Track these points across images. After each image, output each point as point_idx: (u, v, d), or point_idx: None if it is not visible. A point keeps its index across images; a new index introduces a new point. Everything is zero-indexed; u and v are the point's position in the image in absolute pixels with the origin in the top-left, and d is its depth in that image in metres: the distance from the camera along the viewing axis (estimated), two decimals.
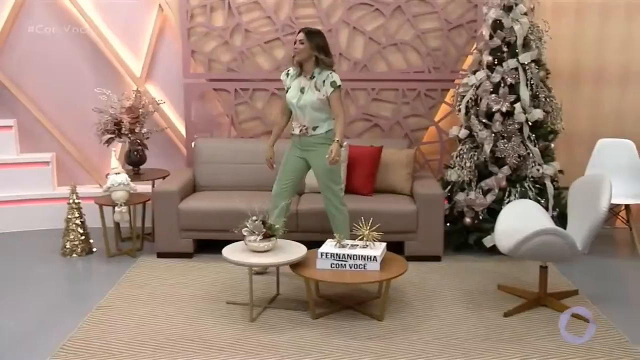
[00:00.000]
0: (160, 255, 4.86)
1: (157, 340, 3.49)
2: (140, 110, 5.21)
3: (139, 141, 5.24)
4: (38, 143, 5.80)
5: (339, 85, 4.16)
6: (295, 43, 4.18)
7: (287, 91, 4.31)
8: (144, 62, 5.66)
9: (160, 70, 5.71)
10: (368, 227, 3.86)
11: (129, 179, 4.88)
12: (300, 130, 4.28)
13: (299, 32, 4.21)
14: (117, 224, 5.03)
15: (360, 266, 3.72)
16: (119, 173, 4.84)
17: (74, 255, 4.93)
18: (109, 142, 5.21)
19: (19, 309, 3.97)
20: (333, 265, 3.75)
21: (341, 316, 3.81)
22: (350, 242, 3.88)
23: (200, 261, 4.78)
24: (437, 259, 4.78)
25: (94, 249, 5.03)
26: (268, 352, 3.36)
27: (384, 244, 3.91)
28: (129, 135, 5.15)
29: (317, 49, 4.12)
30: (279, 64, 5.50)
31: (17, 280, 4.48)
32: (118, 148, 5.53)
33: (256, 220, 3.79)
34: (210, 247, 4.89)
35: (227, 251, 3.84)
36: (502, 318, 3.79)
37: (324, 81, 4.15)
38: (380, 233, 3.88)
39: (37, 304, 4.04)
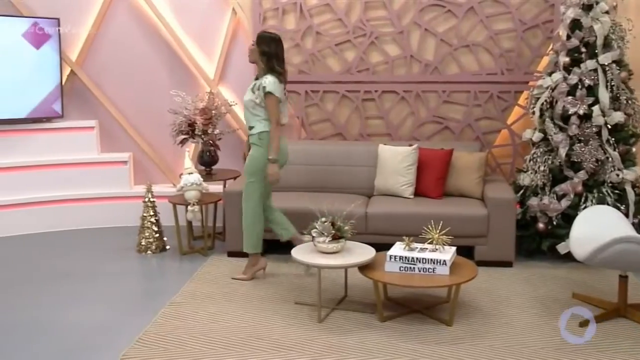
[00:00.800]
0: (231, 254, 4.96)
1: (227, 337, 3.56)
2: (213, 111, 5.34)
3: (211, 142, 5.36)
4: (116, 143, 6.04)
5: (269, 92, 4.19)
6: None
7: None
8: (217, 65, 5.80)
9: (232, 72, 5.83)
10: (437, 231, 3.81)
11: (202, 179, 5.00)
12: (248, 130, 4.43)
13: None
14: (189, 223, 5.16)
15: (430, 270, 3.68)
16: (192, 173, 4.97)
17: (149, 252, 5.10)
18: (182, 142, 5.36)
19: (97, 304, 4.13)
20: (402, 268, 3.72)
21: (409, 320, 3.78)
22: (419, 245, 3.85)
23: (270, 261, 4.83)
24: (508, 264, 4.67)
25: (168, 247, 5.18)
26: (335, 354, 3.37)
27: (453, 248, 3.85)
28: (202, 136, 5.28)
29: (261, 53, 4.26)
30: (349, 66, 5.51)
31: (95, 275, 4.67)
32: (191, 148, 5.68)
33: (325, 221, 3.81)
34: (279, 247, 4.95)
35: (296, 252, 3.87)
36: (577, 328, 3.66)
37: (259, 85, 4.24)
38: (450, 237, 3.83)
39: (113, 299, 4.20)
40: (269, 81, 4.22)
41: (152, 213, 5.10)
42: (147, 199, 5.09)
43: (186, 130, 5.29)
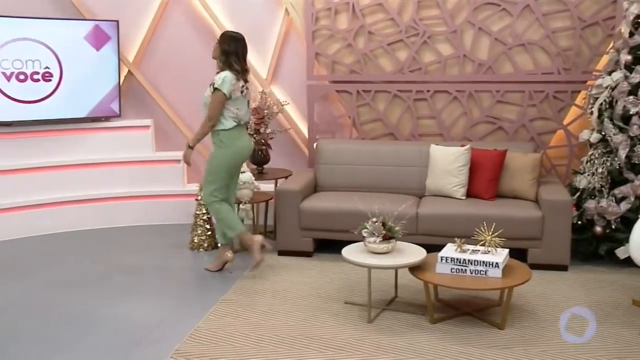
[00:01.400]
0: (281, 253, 5.00)
1: (277, 335, 3.59)
2: (265, 111, 5.39)
3: (263, 141, 5.41)
4: (171, 142, 6.16)
5: (217, 88, 4.29)
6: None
7: None
8: (270, 65, 5.85)
9: (285, 72, 5.87)
10: (490, 233, 3.75)
11: (253, 178, 5.05)
12: None
13: None
14: (241, 221, 5.21)
15: (482, 272, 3.63)
16: (244, 172, 5.02)
17: (201, 249, 5.18)
18: None
19: (150, 299, 4.23)
20: (453, 270, 3.68)
21: (460, 322, 3.73)
22: (471, 247, 3.79)
23: (320, 260, 4.86)
24: (563, 268, 4.56)
25: (219, 244, 5.25)
26: (385, 354, 3.35)
27: (506, 251, 3.78)
28: (254, 135, 5.33)
29: (221, 51, 4.39)
30: (401, 66, 5.48)
31: (149, 271, 4.78)
32: None
33: (376, 221, 3.80)
34: (329, 246, 4.97)
35: (346, 251, 3.87)
36: (638, 337, 3.54)
37: (213, 81, 4.36)
38: (503, 239, 3.76)
39: (166, 295, 4.29)
40: (220, 77, 4.34)
41: (204, 211, 5.18)
42: (199, 197, 5.17)
43: None
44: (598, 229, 4.64)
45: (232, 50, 4.40)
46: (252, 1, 5.81)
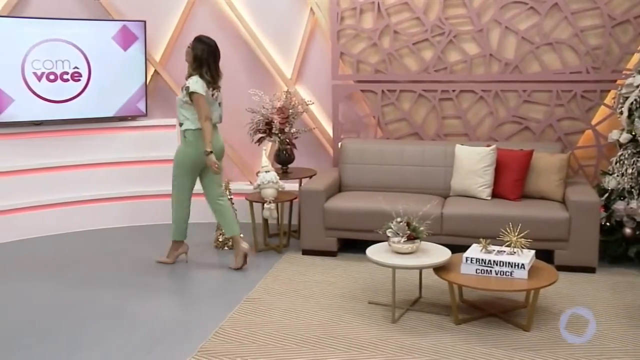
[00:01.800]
0: (305, 252, 5.01)
1: (300, 334, 3.60)
2: (290, 110, 5.40)
3: (288, 140, 5.43)
4: None
5: (192, 92, 4.46)
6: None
7: None
8: (295, 64, 5.87)
9: (309, 72, 5.88)
10: (516, 234, 3.72)
11: (278, 177, 5.07)
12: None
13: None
14: (265, 220, 5.24)
15: (507, 273, 3.60)
16: (268, 171, 5.04)
17: (226, 248, 5.21)
18: (260, 141, 5.45)
19: (175, 297, 4.28)
20: (478, 271, 3.65)
21: (485, 323, 3.70)
22: (496, 247, 3.76)
23: (344, 260, 4.86)
24: (590, 270, 4.50)
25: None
26: (408, 355, 3.34)
27: (532, 252, 3.74)
28: (279, 134, 5.35)
29: (192, 56, 4.55)
30: (426, 65, 5.45)
31: (174, 269, 4.83)
32: (268, 147, 5.77)
33: (400, 221, 3.78)
34: (353, 246, 4.97)
35: (371, 251, 3.86)
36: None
37: (185, 85, 4.54)
38: (529, 240, 3.72)
39: (191, 293, 4.33)
40: (192, 81, 4.49)
41: None
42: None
43: (263, 128, 5.38)
44: (627, 230, 4.57)
45: (204, 58, 4.55)
46: (278, 1, 5.83)
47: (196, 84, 4.49)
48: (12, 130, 5.62)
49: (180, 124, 4.67)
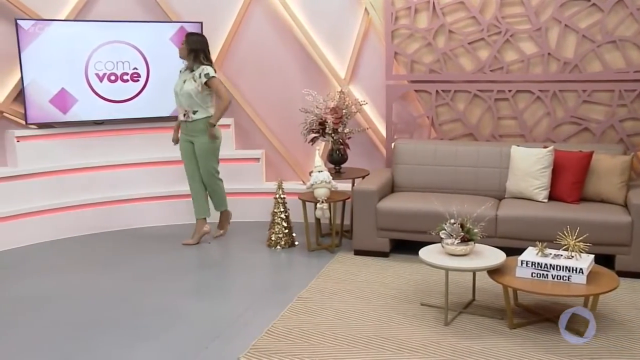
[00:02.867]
0: (357, 252, 5.00)
1: (352, 335, 3.60)
2: (344, 110, 5.40)
3: (341, 140, 5.43)
4: (250, 140, 6.29)
5: (213, 76, 5.08)
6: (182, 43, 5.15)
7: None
8: (349, 64, 5.87)
9: (363, 71, 5.87)
10: (574, 237, 3.62)
11: (331, 177, 5.08)
12: (184, 115, 5.19)
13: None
14: (317, 220, 5.26)
15: (564, 277, 3.51)
16: (321, 171, 5.05)
17: (278, 247, 5.26)
18: (313, 140, 5.48)
19: (227, 294, 4.34)
20: (534, 275, 3.57)
21: (540, 328, 3.62)
22: (553, 251, 3.67)
23: (396, 261, 4.84)
24: None
25: (296, 243, 5.32)
26: (461, 358, 3.30)
27: (591, 256, 3.64)
28: (332, 134, 5.36)
29: (191, 50, 5.08)
30: (482, 65, 5.37)
31: (226, 267, 4.91)
32: (321, 147, 5.79)
33: (454, 223, 3.74)
34: (405, 247, 4.93)
35: (424, 253, 3.83)
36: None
37: (200, 74, 5.06)
38: (588, 244, 3.62)
39: (243, 291, 4.38)
40: (207, 68, 5.09)
41: (282, 209, 5.25)
42: (277, 196, 5.25)
43: (317, 128, 5.40)
44: None
45: (200, 48, 5.11)
46: (332, 1, 5.84)
47: (210, 70, 5.08)
48: (75, 130, 5.81)
49: (194, 112, 5.13)
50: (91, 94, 5.79)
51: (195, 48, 5.09)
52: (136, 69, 5.93)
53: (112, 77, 5.85)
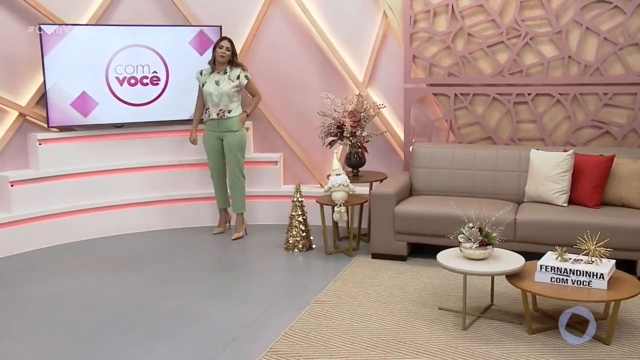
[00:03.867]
0: (375, 256, 4.99)
1: (369, 338, 3.59)
2: (362, 114, 5.40)
3: (359, 144, 5.43)
4: (269, 143, 6.31)
5: (249, 77, 5.59)
6: (222, 49, 5.44)
7: (203, 85, 5.53)
8: (367, 68, 5.87)
9: (381, 75, 5.87)
10: (594, 242, 3.58)
11: (349, 181, 5.08)
12: (218, 114, 5.49)
13: (222, 40, 5.50)
14: (335, 223, 5.26)
15: (585, 283, 3.47)
16: (339, 174, 5.05)
17: (296, 250, 5.27)
18: (331, 144, 5.48)
19: (245, 297, 4.35)
20: (553, 279, 3.54)
21: (560, 334, 3.58)
22: (573, 256, 3.64)
23: (414, 264, 4.82)
24: None
25: (314, 246, 5.32)
26: None
27: (612, 262, 3.60)
28: (350, 138, 5.36)
29: (233, 54, 5.52)
30: (501, 68, 5.34)
31: (244, 269, 4.92)
32: (339, 150, 5.79)
33: (472, 227, 3.72)
34: (423, 251, 4.92)
35: (442, 257, 3.81)
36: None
37: (238, 76, 5.48)
38: (609, 249, 3.58)
39: (261, 293, 4.39)
40: (244, 71, 5.55)
41: (300, 212, 5.25)
42: (295, 199, 5.26)
43: (335, 132, 5.40)
44: None
45: (235, 52, 5.58)
46: (351, 4, 5.85)
47: (248, 73, 5.58)
48: (96, 133, 5.87)
49: (229, 110, 5.48)
50: (111, 98, 5.85)
51: (235, 52, 5.55)
52: (156, 72, 5.98)
53: (132, 81, 5.91)
